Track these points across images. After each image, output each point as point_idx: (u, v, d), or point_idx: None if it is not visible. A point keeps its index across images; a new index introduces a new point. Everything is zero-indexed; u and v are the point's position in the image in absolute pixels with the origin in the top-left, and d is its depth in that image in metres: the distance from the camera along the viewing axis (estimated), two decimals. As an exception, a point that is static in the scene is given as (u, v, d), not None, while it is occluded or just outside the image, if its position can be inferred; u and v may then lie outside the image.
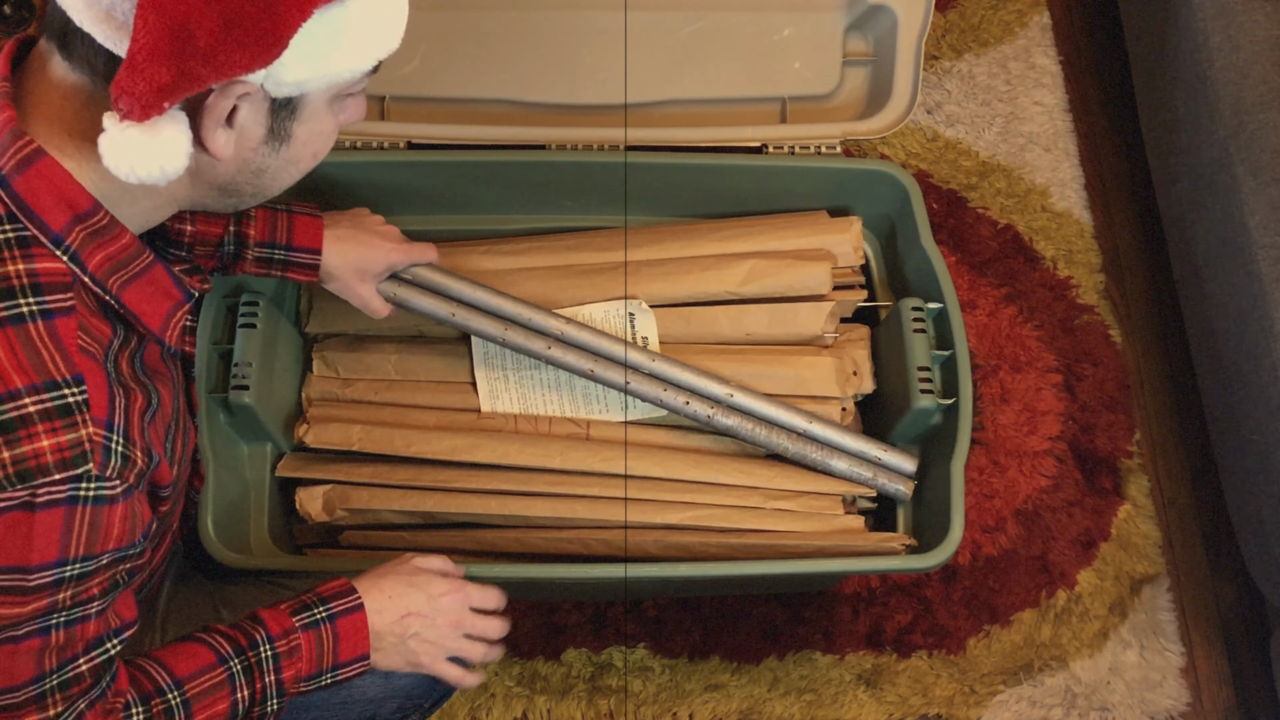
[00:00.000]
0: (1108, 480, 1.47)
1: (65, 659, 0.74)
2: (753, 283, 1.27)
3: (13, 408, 0.66)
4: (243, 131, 0.72)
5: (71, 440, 0.67)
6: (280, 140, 0.74)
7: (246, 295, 1.21)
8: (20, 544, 0.67)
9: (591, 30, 1.35)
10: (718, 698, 1.34)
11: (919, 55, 1.33)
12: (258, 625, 0.87)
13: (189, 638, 0.86)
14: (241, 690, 0.84)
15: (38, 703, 0.73)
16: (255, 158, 0.75)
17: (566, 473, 1.22)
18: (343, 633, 0.89)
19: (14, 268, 0.68)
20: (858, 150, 1.62)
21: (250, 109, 0.71)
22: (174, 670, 0.83)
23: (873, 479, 1.19)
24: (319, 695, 0.94)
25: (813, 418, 1.20)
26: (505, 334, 1.18)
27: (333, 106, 0.77)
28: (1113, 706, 1.36)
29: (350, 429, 1.24)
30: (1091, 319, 1.57)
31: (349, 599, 0.90)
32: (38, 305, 0.68)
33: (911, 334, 1.21)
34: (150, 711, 0.80)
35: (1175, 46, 1.43)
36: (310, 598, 0.90)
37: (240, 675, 0.84)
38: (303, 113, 0.74)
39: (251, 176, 0.76)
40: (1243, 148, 1.30)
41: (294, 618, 0.88)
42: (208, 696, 0.83)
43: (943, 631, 1.38)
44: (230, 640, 0.86)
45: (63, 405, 0.67)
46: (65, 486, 0.67)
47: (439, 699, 1.01)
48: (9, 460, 0.66)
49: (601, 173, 1.31)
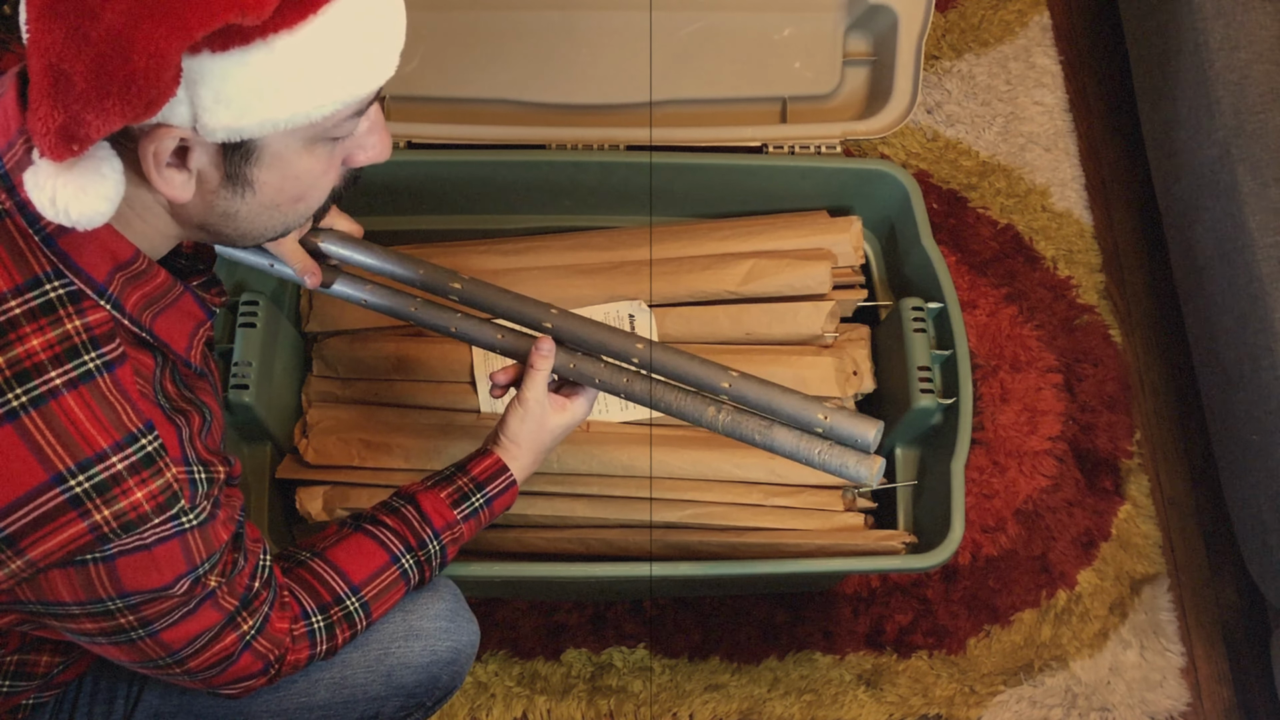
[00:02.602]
0: (1108, 480, 1.47)
1: (239, 593, 0.80)
2: (753, 282, 1.27)
3: (103, 469, 0.68)
4: (200, 175, 0.70)
5: (161, 486, 0.70)
6: (241, 185, 0.71)
7: (246, 295, 1.21)
8: (150, 572, 0.72)
9: (591, 30, 1.35)
10: (718, 698, 1.34)
11: (919, 55, 1.33)
12: (424, 521, 0.93)
13: (359, 529, 0.92)
14: (414, 579, 0.94)
15: (231, 626, 0.80)
16: (219, 202, 0.72)
17: (566, 473, 1.22)
18: (498, 507, 0.98)
19: (71, 325, 0.69)
20: (858, 150, 1.62)
21: (201, 152, 0.68)
22: (350, 575, 0.89)
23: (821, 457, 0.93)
24: (321, 695, 0.95)
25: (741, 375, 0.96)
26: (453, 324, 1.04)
27: (318, 149, 0.73)
28: (1113, 706, 1.35)
29: (350, 444, 1.23)
30: (1092, 319, 1.57)
31: (502, 480, 0.98)
32: (100, 359, 0.69)
33: (912, 334, 1.21)
34: (330, 619, 0.88)
35: (1175, 46, 1.43)
36: (467, 484, 0.96)
37: (412, 569, 0.93)
38: (262, 158, 0.70)
39: (221, 220, 0.73)
40: (1243, 148, 1.30)
41: (455, 510, 0.95)
42: (384, 595, 0.91)
43: (943, 631, 1.38)
44: (399, 537, 0.92)
45: (145, 456, 0.70)
46: (169, 525, 0.71)
47: (442, 696, 1.01)
48: (111, 517, 0.68)
49: (601, 172, 1.31)
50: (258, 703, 0.95)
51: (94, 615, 0.73)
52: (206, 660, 0.80)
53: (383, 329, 1.31)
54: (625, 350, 0.97)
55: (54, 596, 0.71)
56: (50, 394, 0.67)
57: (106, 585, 0.71)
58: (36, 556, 0.68)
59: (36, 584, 0.70)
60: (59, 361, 0.68)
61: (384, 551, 0.91)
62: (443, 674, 0.98)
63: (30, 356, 0.67)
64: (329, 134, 0.72)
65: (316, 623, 0.88)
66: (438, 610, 0.98)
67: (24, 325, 0.68)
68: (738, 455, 1.23)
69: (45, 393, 0.67)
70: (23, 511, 0.67)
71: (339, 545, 0.91)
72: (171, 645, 0.77)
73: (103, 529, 0.68)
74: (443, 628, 0.98)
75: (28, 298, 0.68)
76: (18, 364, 0.67)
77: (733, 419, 0.95)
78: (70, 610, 0.72)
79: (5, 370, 0.67)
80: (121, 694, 0.95)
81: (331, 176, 0.76)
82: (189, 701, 0.95)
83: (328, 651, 0.90)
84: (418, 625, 0.97)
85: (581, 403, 1.00)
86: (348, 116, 0.72)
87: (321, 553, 0.91)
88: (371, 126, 0.77)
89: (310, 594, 0.88)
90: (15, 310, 0.68)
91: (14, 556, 0.68)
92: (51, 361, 0.68)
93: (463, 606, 1.00)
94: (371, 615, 0.91)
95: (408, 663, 0.96)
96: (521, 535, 1.21)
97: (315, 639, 0.88)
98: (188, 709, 0.95)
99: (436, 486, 0.96)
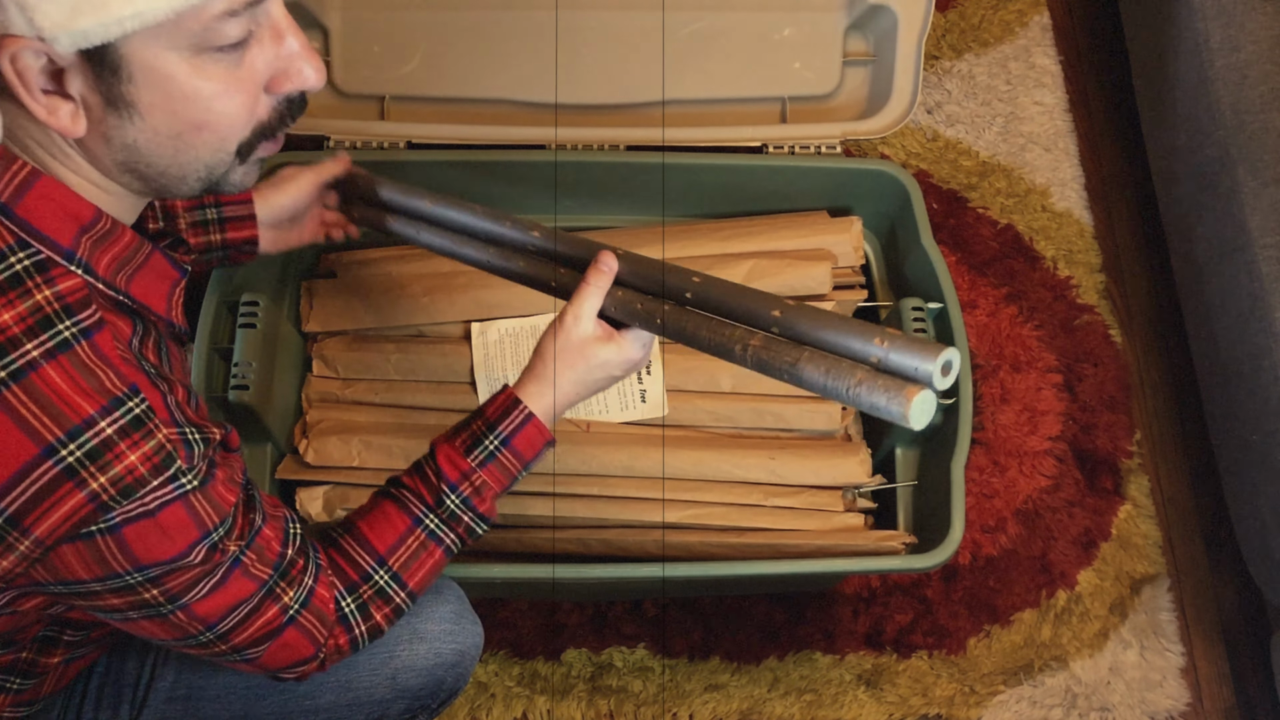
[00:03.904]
0: (1108, 480, 1.47)
1: (271, 560, 0.78)
2: (753, 283, 1.27)
3: (93, 435, 0.66)
4: (84, 102, 0.66)
5: (154, 447, 0.69)
6: (123, 108, 0.66)
7: (246, 295, 1.21)
8: (160, 541, 0.70)
9: (592, 30, 1.35)
10: (718, 698, 1.34)
11: (919, 55, 1.33)
12: (440, 477, 0.89)
13: (387, 495, 0.90)
14: (447, 538, 0.89)
15: (271, 598, 0.79)
16: (113, 132, 0.67)
17: (566, 473, 1.22)
18: (521, 446, 0.91)
19: (41, 295, 0.67)
20: (858, 150, 1.62)
21: (74, 73, 0.64)
22: (375, 546, 0.87)
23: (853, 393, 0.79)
24: (326, 698, 0.95)
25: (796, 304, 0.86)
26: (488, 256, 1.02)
27: (206, 65, 0.66)
28: (1113, 706, 1.35)
29: (350, 444, 1.23)
30: (1092, 319, 1.57)
31: (515, 415, 0.91)
32: (75, 327, 0.68)
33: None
34: (361, 598, 0.86)
35: (1175, 46, 1.43)
36: (480, 427, 0.91)
37: (440, 528, 0.89)
38: (134, 74, 0.65)
39: (129, 154, 0.69)
40: (1243, 148, 1.30)
41: (468, 457, 0.90)
42: (415, 560, 0.88)
43: (943, 631, 1.38)
44: (419, 497, 0.89)
45: (134, 418, 0.68)
46: (169, 488, 0.69)
47: (446, 698, 1.01)
48: (108, 483, 0.67)
49: (601, 172, 1.31)
50: (263, 705, 0.95)
51: (117, 591, 0.71)
52: (250, 635, 0.79)
53: (383, 329, 1.31)
54: (679, 286, 0.90)
55: (71, 575, 0.70)
56: (29, 366, 0.66)
57: (119, 558, 0.69)
58: (42, 534, 0.67)
59: (50, 564, 0.69)
60: (33, 333, 0.66)
61: (406, 515, 0.89)
62: (447, 676, 0.98)
63: (3, 331, 0.66)
64: (210, 42, 0.65)
65: (347, 605, 0.86)
66: (442, 613, 0.98)
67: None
68: (738, 455, 1.23)
69: (23, 366, 0.66)
70: (19, 489, 0.66)
71: (368, 515, 0.90)
72: (208, 618, 0.76)
73: (101, 496, 0.67)
74: (447, 630, 0.98)
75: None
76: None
77: (760, 355, 0.84)
78: (92, 588, 0.71)
79: None
80: (127, 698, 0.95)
81: (241, 100, 0.69)
82: (194, 707, 0.95)
83: (369, 633, 0.87)
84: (422, 628, 0.97)
85: (631, 340, 0.91)
86: (218, 15, 0.64)
87: (353, 526, 0.89)
88: (284, 42, 0.69)
89: (339, 575, 0.86)
90: None
91: (20, 537, 0.67)
92: (26, 334, 0.66)
93: (467, 609, 1.00)
94: (407, 585, 0.88)
95: (412, 665, 0.96)
96: (521, 535, 1.22)
97: (349, 622, 0.86)
98: (193, 713, 0.95)
99: (453, 434, 0.92)
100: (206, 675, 0.95)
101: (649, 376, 1.26)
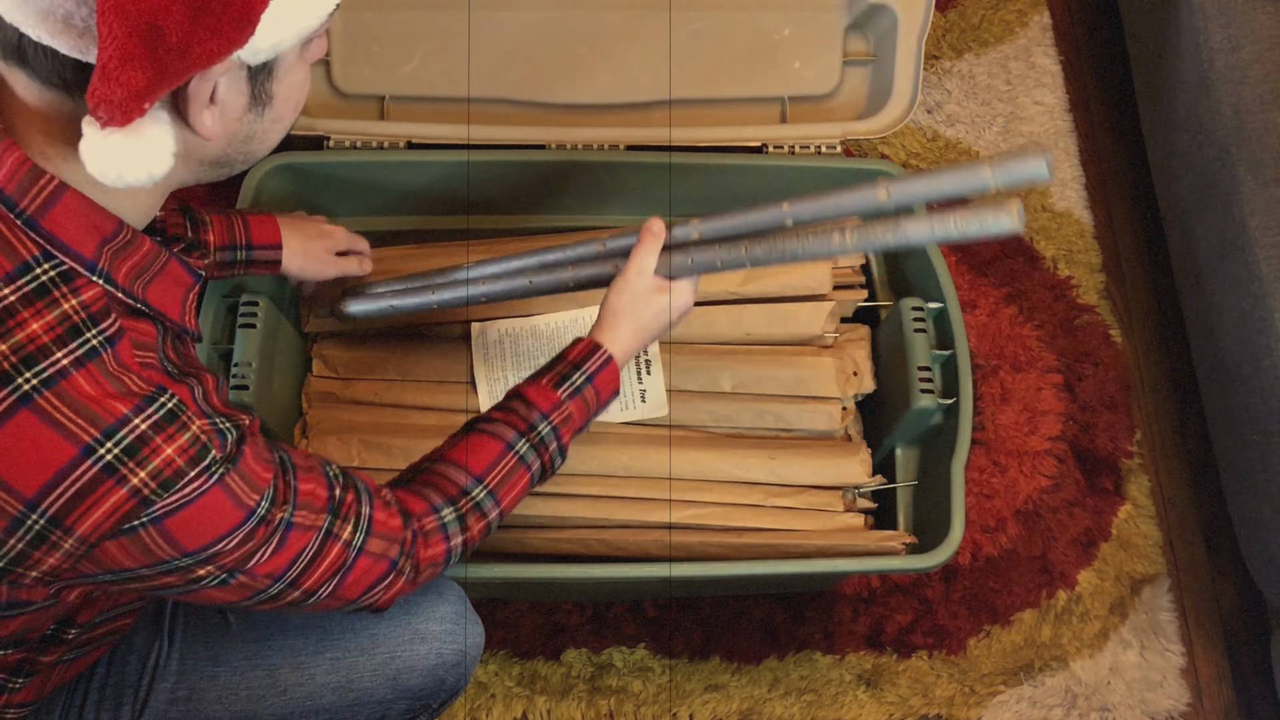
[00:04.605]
0: (1108, 480, 1.47)
1: (320, 507, 0.80)
2: (752, 282, 1.27)
3: (128, 432, 0.68)
4: (225, 106, 0.71)
5: (189, 439, 0.70)
6: (263, 104, 0.73)
7: (246, 295, 1.21)
8: (204, 528, 0.72)
9: (592, 30, 1.35)
10: (718, 698, 1.34)
11: (919, 55, 1.33)
12: (530, 407, 0.96)
13: (471, 430, 0.95)
14: (533, 465, 0.96)
15: (331, 539, 0.81)
16: (242, 127, 0.74)
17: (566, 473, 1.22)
18: (601, 385, 1.00)
19: (69, 305, 0.69)
20: (858, 150, 1.62)
21: (229, 82, 0.70)
22: (471, 467, 0.92)
23: (963, 226, 0.90)
24: (328, 699, 0.95)
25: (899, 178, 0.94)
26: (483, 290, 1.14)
27: (304, 52, 0.75)
28: (1113, 707, 1.35)
29: (350, 444, 1.23)
30: (1092, 319, 1.57)
31: (598, 357, 1.00)
32: (101, 335, 0.70)
33: (912, 334, 1.21)
34: (460, 510, 0.90)
35: (1175, 46, 1.43)
36: (564, 367, 0.99)
37: (528, 454, 0.95)
38: (279, 71, 0.73)
39: (241, 145, 0.75)
40: (1243, 148, 1.30)
41: (558, 390, 0.97)
42: (507, 482, 0.94)
43: (943, 631, 1.38)
44: (509, 425, 0.95)
45: (167, 413, 0.69)
46: (207, 478, 0.71)
47: (448, 698, 1.01)
48: (147, 478, 0.68)
49: (602, 172, 1.31)
50: (264, 706, 0.95)
51: (169, 573, 0.73)
52: (320, 577, 0.81)
53: (383, 329, 1.31)
54: (772, 219, 0.98)
55: (118, 566, 0.71)
56: (59, 374, 0.67)
57: (165, 547, 0.71)
58: (85, 532, 0.68)
59: (95, 558, 0.70)
60: (63, 342, 0.68)
61: (497, 440, 0.94)
62: (448, 676, 0.98)
63: (33, 340, 0.67)
64: (318, 32, 0.74)
65: (447, 515, 0.89)
66: (443, 613, 0.98)
67: (21, 311, 0.68)
68: (738, 455, 1.23)
69: (54, 374, 0.67)
70: (60, 490, 0.67)
71: (455, 447, 0.95)
72: (273, 574, 0.78)
73: (142, 491, 0.68)
74: (449, 630, 0.98)
75: (20, 284, 0.68)
76: (21, 349, 0.67)
77: (860, 236, 0.94)
78: (142, 574, 0.73)
79: (11, 356, 0.67)
80: (128, 699, 0.95)
81: (310, 78, 0.78)
82: (196, 708, 0.95)
83: (463, 544, 0.91)
84: (424, 628, 0.97)
85: (684, 286, 1.02)
86: (329, 14, 0.74)
87: (440, 457, 0.94)
88: None
89: (436, 491, 0.90)
90: (10, 298, 0.68)
91: (64, 536, 0.69)
92: (55, 343, 0.68)
93: (468, 609, 1.01)
94: (500, 504, 0.93)
95: (414, 666, 0.96)
96: (521, 536, 1.21)
97: (448, 531, 0.89)
98: (194, 714, 0.95)
99: (537, 377, 0.99)
100: (208, 677, 0.96)
101: (649, 376, 1.26)
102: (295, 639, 0.97)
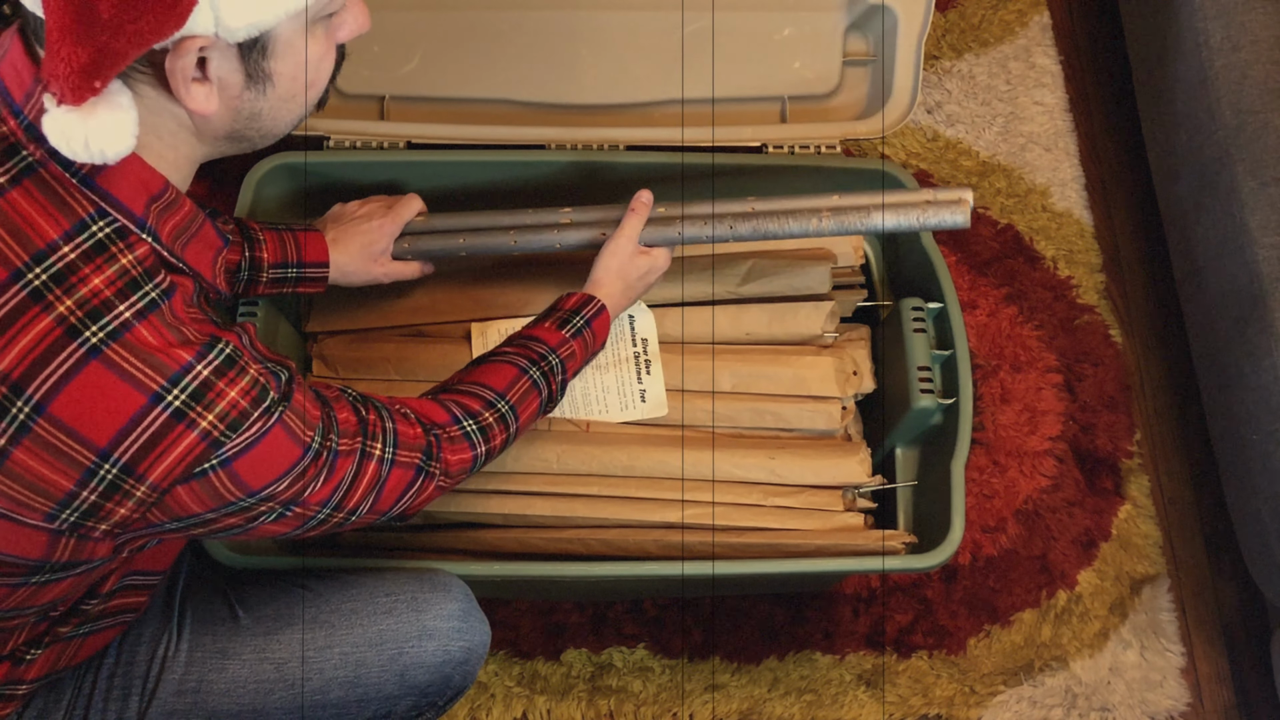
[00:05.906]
0: (1108, 480, 1.47)
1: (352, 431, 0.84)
2: (752, 282, 1.27)
3: (192, 378, 0.71)
4: (220, 82, 0.72)
5: (250, 381, 0.73)
6: (261, 82, 0.74)
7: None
8: (269, 466, 0.76)
9: (592, 30, 1.35)
10: (718, 698, 1.34)
11: (919, 55, 1.33)
12: (539, 342, 1.04)
13: (490, 360, 1.02)
14: (543, 391, 1.03)
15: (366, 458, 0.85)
16: (244, 104, 0.75)
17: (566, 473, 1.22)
18: (597, 329, 1.09)
19: (126, 260, 0.72)
20: (858, 150, 1.62)
21: (219, 58, 0.71)
22: (493, 385, 0.99)
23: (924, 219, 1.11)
24: (335, 694, 0.96)
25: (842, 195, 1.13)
26: (514, 242, 1.19)
27: (318, 30, 0.76)
28: (1113, 706, 1.35)
29: None
30: (1092, 319, 1.57)
31: (592, 305, 1.09)
32: (157, 288, 0.72)
33: (912, 334, 1.21)
34: (483, 421, 0.96)
35: (1175, 46, 1.43)
36: (563, 314, 1.08)
37: (540, 380, 1.03)
38: (275, 49, 0.73)
39: (249, 122, 0.76)
40: (1243, 148, 1.30)
41: (562, 330, 1.06)
42: (523, 401, 1.01)
43: (943, 631, 1.38)
44: (524, 355, 1.03)
45: (226, 358, 0.73)
46: (268, 418, 0.74)
47: (454, 695, 1.02)
48: (216, 420, 0.71)
49: (602, 172, 1.31)
50: (272, 699, 0.95)
51: (232, 513, 0.76)
52: (361, 495, 0.85)
53: (383, 329, 1.31)
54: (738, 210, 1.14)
55: (186, 512, 0.74)
56: (123, 327, 0.70)
57: (232, 489, 0.74)
58: (157, 478, 0.71)
59: (165, 506, 0.73)
60: (124, 295, 0.71)
61: (513, 366, 1.01)
62: (455, 673, 0.99)
63: (96, 295, 0.70)
64: (325, 10, 0.75)
65: (470, 425, 0.95)
66: (450, 610, 0.99)
67: (82, 267, 0.70)
68: (737, 455, 1.23)
69: (119, 326, 0.70)
70: (133, 437, 0.69)
71: (475, 370, 1.01)
72: (323, 500, 0.82)
73: (212, 434, 0.71)
74: (456, 628, 0.98)
75: (78, 241, 0.70)
76: (86, 304, 0.69)
77: (836, 220, 1.11)
78: (206, 518, 0.75)
79: (77, 311, 0.69)
80: (136, 690, 0.95)
81: (331, 57, 0.79)
82: (203, 700, 0.95)
83: (486, 453, 0.97)
84: (431, 625, 0.98)
85: (661, 253, 1.13)
86: None
87: (461, 380, 1.01)
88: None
89: (460, 405, 0.96)
90: (70, 255, 0.70)
91: (137, 484, 0.71)
92: (117, 296, 0.70)
93: (474, 607, 1.01)
94: (519, 419, 1.00)
95: (421, 662, 0.97)
96: (521, 535, 1.21)
97: (473, 439, 0.95)
98: (201, 706, 0.95)
99: (538, 322, 1.07)
100: (216, 669, 0.96)
101: (649, 376, 1.26)
102: (304, 633, 0.97)
